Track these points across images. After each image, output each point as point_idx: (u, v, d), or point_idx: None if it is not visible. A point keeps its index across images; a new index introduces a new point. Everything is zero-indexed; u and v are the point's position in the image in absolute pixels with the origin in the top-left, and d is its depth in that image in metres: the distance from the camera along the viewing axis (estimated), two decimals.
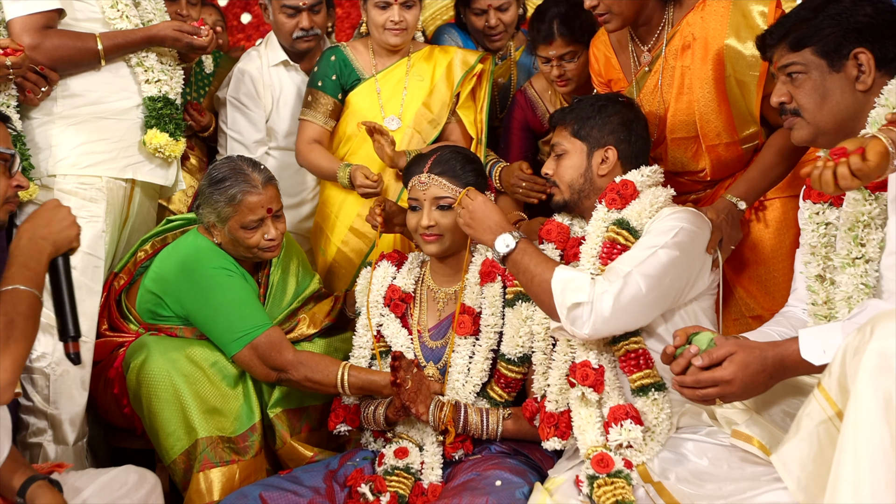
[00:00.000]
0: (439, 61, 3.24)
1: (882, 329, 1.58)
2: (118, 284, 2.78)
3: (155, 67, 2.81)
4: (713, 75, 2.49)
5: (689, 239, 2.21)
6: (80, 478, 2.15)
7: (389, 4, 3.08)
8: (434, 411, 2.40)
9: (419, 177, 2.53)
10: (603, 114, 2.38)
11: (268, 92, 3.41)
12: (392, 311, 2.61)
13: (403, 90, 3.19)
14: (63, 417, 2.68)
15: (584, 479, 2.09)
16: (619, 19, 2.51)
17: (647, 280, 2.13)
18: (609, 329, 2.16)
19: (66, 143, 2.70)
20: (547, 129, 3.32)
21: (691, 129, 2.57)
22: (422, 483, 2.37)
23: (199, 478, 2.50)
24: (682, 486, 2.02)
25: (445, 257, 2.58)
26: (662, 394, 2.17)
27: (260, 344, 2.55)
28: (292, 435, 2.65)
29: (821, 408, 1.69)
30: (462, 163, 2.55)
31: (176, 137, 2.84)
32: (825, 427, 1.68)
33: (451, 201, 2.49)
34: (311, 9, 3.32)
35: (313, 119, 3.20)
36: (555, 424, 2.25)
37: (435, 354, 2.56)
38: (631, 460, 2.12)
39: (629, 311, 2.13)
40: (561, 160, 2.41)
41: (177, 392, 2.52)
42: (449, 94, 3.21)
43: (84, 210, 2.68)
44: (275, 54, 3.42)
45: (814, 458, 1.70)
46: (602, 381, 2.19)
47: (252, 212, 2.59)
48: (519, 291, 2.47)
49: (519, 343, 2.45)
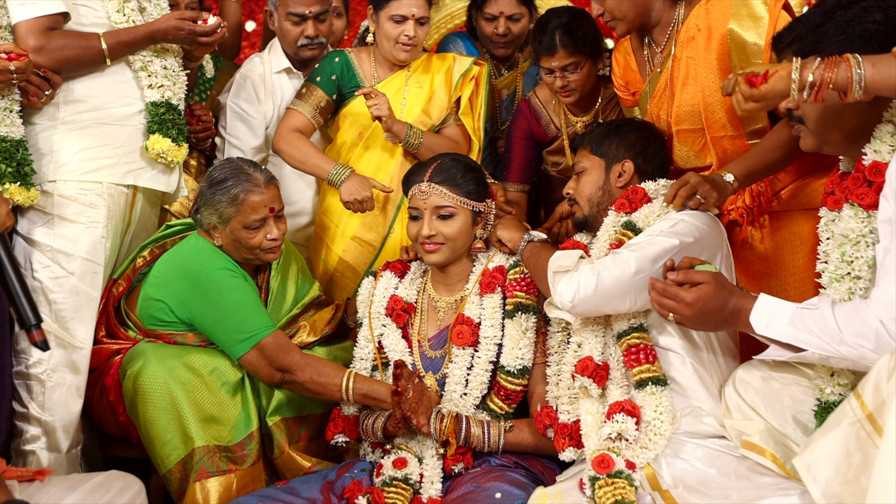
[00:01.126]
0: (437, 68, 3.25)
1: None
2: (116, 291, 2.77)
3: (158, 73, 2.81)
4: (717, 64, 2.50)
5: (689, 231, 2.25)
6: (65, 483, 2.14)
7: (406, 19, 3.07)
8: (435, 422, 2.38)
9: (419, 185, 2.52)
10: (620, 132, 2.51)
11: (269, 98, 3.40)
12: (394, 321, 2.60)
13: (403, 99, 3.20)
14: (57, 425, 2.67)
15: (587, 481, 2.11)
16: (624, 24, 2.56)
17: (637, 260, 2.18)
18: (593, 302, 2.20)
19: (67, 149, 2.70)
20: (551, 139, 3.35)
21: (696, 119, 2.57)
22: (421, 497, 2.35)
23: (195, 487, 2.48)
24: (689, 495, 2.04)
25: (446, 266, 2.57)
26: (661, 388, 2.20)
27: (267, 345, 2.55)
28: (291, 444, 2.63)
29: (851, 409, 1.67)
30: (463, 171, 2.53)
31: (178, 143, 2.83)
32: (855, 429, 1.66)
33: (453, 210, 2.49)
34: (317, 17, 3.32)
35: (302, 110, 3.16)
36: (569, 434, 2.28)
37: (434, 365, 2.55)
38: (630, 458, 2.13)
39: (614, 287, 2.18)
40: (581, 177, 2.52)
41: (173, 400, 2.50)
42: (447, 99, 3.22)
43: (84, 216, 2.68)
44: (278, 61, 3.42)
45: (843, 459, 1.67)
46: (604, 376, 2.25)
47: (255, 211, 2.59)
48: (519, 302, 2.47)
49: (518, 355, 2.45)
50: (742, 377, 2.23)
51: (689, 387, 2.24)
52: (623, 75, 2.80)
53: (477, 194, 2.52)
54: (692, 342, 2.28)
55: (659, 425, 2.17)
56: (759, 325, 1.92)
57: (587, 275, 2.20)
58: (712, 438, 2.19)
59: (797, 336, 1.87)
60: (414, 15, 3.07)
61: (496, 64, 3.61)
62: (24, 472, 2.11)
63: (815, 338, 1.85)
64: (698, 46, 2.52)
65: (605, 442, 2.17)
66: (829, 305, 1.88)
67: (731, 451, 2.13)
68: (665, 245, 2.21)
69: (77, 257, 2.67)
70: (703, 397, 2.23)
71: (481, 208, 2.54)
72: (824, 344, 1.85)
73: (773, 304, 1.93)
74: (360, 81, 3.21)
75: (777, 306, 1.92)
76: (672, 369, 2.25)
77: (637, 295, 2.20)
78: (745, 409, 2.17)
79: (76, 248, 2.67)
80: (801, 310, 1.88)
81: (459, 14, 3.94)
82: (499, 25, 3.45)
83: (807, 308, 1.88)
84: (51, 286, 2.64)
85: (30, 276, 2.64)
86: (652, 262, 2.19)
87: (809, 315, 1.86)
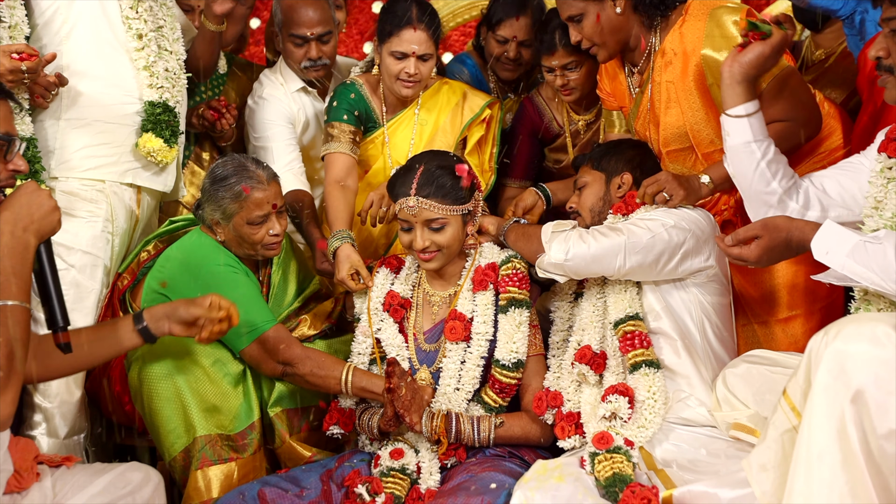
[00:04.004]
0: (447, 102, 3.13)
1: (846, 332, 1.60)
2: (122, 284, 2.81)
3: (160, 74, 2.84)
4: (696, 86, 2.54)
5: (682, 216, 2.39)
6: (86, 472, 2.18)
7: (407, 56, 2.95)
8: (426, 421, 2.42)
9: (406, 200, 2.47)
10: (618, 149, 2.65)
11: (296, 110, 3.37)
12: (391, 315, 2.63)
13: (411, 140, 3.13)
14: (55, 411, 2.71)
15: (587, 457, 2.21)
16: (604, 50, 2.60)
17: (629, 229, 2.34)
18: (585, 260, 2.35)
19: (69, 146, 2.73)
20: (553, 136, 3.36)
21: (684, 139, 2.62)
22: (419, 487, 2.39)
23: (197, 475, 2.52)
24: (683, 473, 2.13)
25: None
26: (654, 370, 2.31)
27: (268, 338, 2.59)
28: (291, 434, 2.66)
29: (786, 417, 1.72)
30: (450, 178, 2.48)
31: (170, 144, 2.86)
32: (789, 436, 1.71)
33: (444, 221, 2.48)
34: (320, 39, 3.27)
35: (340, 150, 3.04)
36: (574, 423, 2.35)
37: (429, 358, 2.58)
38: (627, 436, 2.24)
39: (607, 248, 2.34)
40: (583, 191, 2.64)
41: (177, 390, 2.54)
42: (454, 139, 3.12)
43: (84, 210, 2.73)
44: (292, 81, 3.38)
45: (777, 465, 1.73)
46: (601, 364, 2.38)
47: (258, 207, 2.63)
48: (512, 297, 2.51)
49: (513, 349, 2.48)
50: (731, 371, 2.30)
51: (682, 373, 2.34)
52: (612, 87, 2.83)
53: (466, 197, 2.51)
54: (687, 331, 2.37)
55: (653, 405, 2.28)
56: (819, 253, 1.92)
57: (583, 234, 2.36)
58: (703, 427, 2.28)
59: (854, 269, 1.87)
60: (415, 52, 2.94)
61: (501, 86, 3.57)
62: (54, 458, 2.17)
63: (871, 273, 1.84)
64: (676, 70, 2.56)
65: (602, 422, 2.28)
66: (893, 242, 1.86)
67: (721, 437, 2.23)
68: (659, 220, 2.35)
69: (77, 250, 2.71)
70: (696, 383, 2.33)
71: (471, 208, 2.55)
72: (879, 280, 1.84)
73: (836, 233, 1.92)
74: (375, 118, 3.13)
75: (839, 236, 1.91)
76: (666, 356, 2.35)
77: (625, 259, 2.32)
78: (734, 400, 2.23)
79: (76, 242, 2.71)
80: (864, 242, 1.87)
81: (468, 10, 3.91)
82: (510, 50, 3.37)
83: (870, 241, 1.87)
84: None
85: None
86: (645, 231, 2.33)
87: (872, 248, 1.85)
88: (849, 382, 1.60)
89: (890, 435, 1.59)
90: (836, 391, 1.61)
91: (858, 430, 1.59)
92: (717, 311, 2.42)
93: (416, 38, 2.94)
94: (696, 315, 2.39)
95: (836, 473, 1.58)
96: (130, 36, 2.82)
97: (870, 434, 1.60)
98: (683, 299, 2.39)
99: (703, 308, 2.40)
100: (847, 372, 1.60)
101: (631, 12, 2.55)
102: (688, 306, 2.39)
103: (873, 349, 1.62)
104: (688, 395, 2.32)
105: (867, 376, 1.60)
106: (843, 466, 1.59)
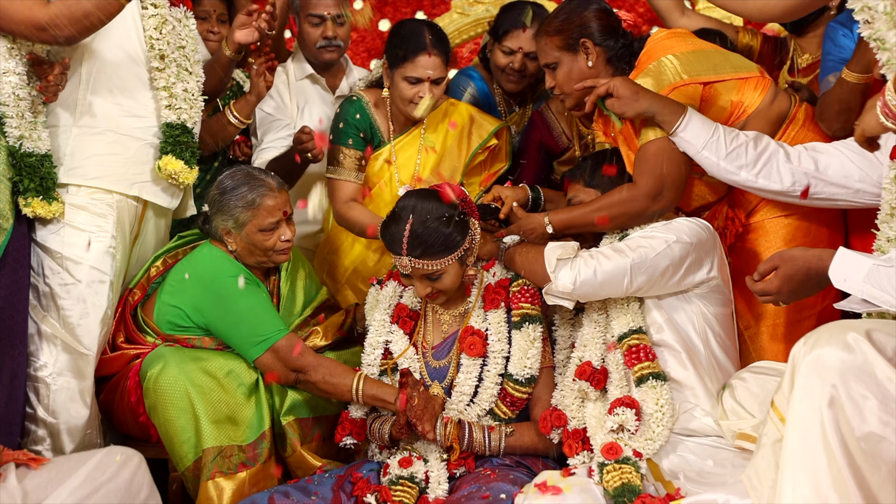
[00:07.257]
0: (453, 125, 3.15)
1: (821, 339, 1.64)
2: (133, 299, 2.84)
3: (179, 95, 2.86)
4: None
5: (682, 230, 2.39)
6: (62, 466, 2.18)
7: (421, 81, 2.96)
8: (439, 428, 2.44)
9: (400, 259, 2.44)
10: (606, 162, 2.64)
11: (294, 102, 3.53)
12: (400, 327, 2.65)
13: (417, 161, 3.14)
14: (61, 427, 2.70)
15: (596, 468, 2.21)
16: (571, 99, 2.67)
17: (633, 250, 2.34)
18: (592, 286, 2.35)
19: (80, 153, 2.74)
20: (562, 150, 3.38)
21: None
22: (427, 497, 2.40)
23: (208, 486, 2.54)
24: (690, 485, 2.15)
25: None
26: (661, 382, 2.30)
27: (281, 347, 2.63)
28: (303, 443, 2.69)
29: (775, 427, 1.75)
30: (439, 232, 2.41)
31: (190, 165, 2.88)
32: (779, 446, 1.75)
33: (441, 272, 2.46)
34: (335, 19, 3.47)
35: (345, 177, 3.11)
36: (581, 440, 2.36)
37: (439, 373, 2.60)
38: (635, 447, 2.24)
39: (612, 273, 2.34)
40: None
41: (191, 401, 2.57)
42: (462, 162, 3.15)
43: (93, 224, 2.73)
44: (301, 68, 3.57)
45: (771, 474, 1.75)
46: (601, 380, 2.37)
47: (271, 214, 2.69)
48: (525, 313, 2.52)
49: (527, 364, 2.50)
50: (738, 382, 2.32)
51: (688, 385, 2.35)
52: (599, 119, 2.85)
53: (459, 240, 2.45)
54: (691, 342, 2.38)
55: (661, 417, 2.27)
56: (838, 280, 1.93)
57: (587, 261, 2.36)
58: (709, 437, 2.30)
59: (872, 293, 1.87)
60: (430, 77, 2.95)
61: (507, 99, 3.57)
62: (20, 455, 2.16)
63: (889, 295, 1.85)
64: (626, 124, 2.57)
65: (609, 435, 2.28)
66: None
67: (727, 447, 2.24)
68: (661, 237, 2.36)
69: (84, 265, 2.70)
70: (701, 394, 2.34)
71: (467, 246, 2.49)
72: (894, 301, 1.86)
73: (850, 260, 1.92)
74: (381, 137, 3.17)
75: (854, 262, 1.91)
76: (671, 368, 2.35)
77: (632, 280, 2.33)
78: (740, 410, 2.24)
79: (84, 256, 2.70)
80: (877, 266, 1.89)
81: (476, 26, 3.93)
82: (515, 60, 3.35)
83: (882, 265, 1.89)
84: (59, 292, 2.69)
85: (42, 282, 2.69)
86: (649, 250, 2.33)
87: (885, 272, 1.87)
88: (824, 388, 1.66)
89: (867, 437, 1.65)
90: (814, 397, 1.67)
91: (837, 434, 1.65)
92: (719, 322, 2.43)
93: (430, 63, 2.95)
94: (700, 326, 2.39)
95: (820, 475, 1.63)
96: (153, 56, 2.85)
97: (848, 436, 1.65)
98: (686, 311, 2.40)
99: (707, 319, 2.41)
100: (822, 378, 1.66)
101: (603, 65, 2.63)
102: (691, 318, 2.40)
103: (845, 355, 1.69)
104: (693, 405, 2.33)
105: (840, 381, 1.66)
106: (827, 469, 1.65)
